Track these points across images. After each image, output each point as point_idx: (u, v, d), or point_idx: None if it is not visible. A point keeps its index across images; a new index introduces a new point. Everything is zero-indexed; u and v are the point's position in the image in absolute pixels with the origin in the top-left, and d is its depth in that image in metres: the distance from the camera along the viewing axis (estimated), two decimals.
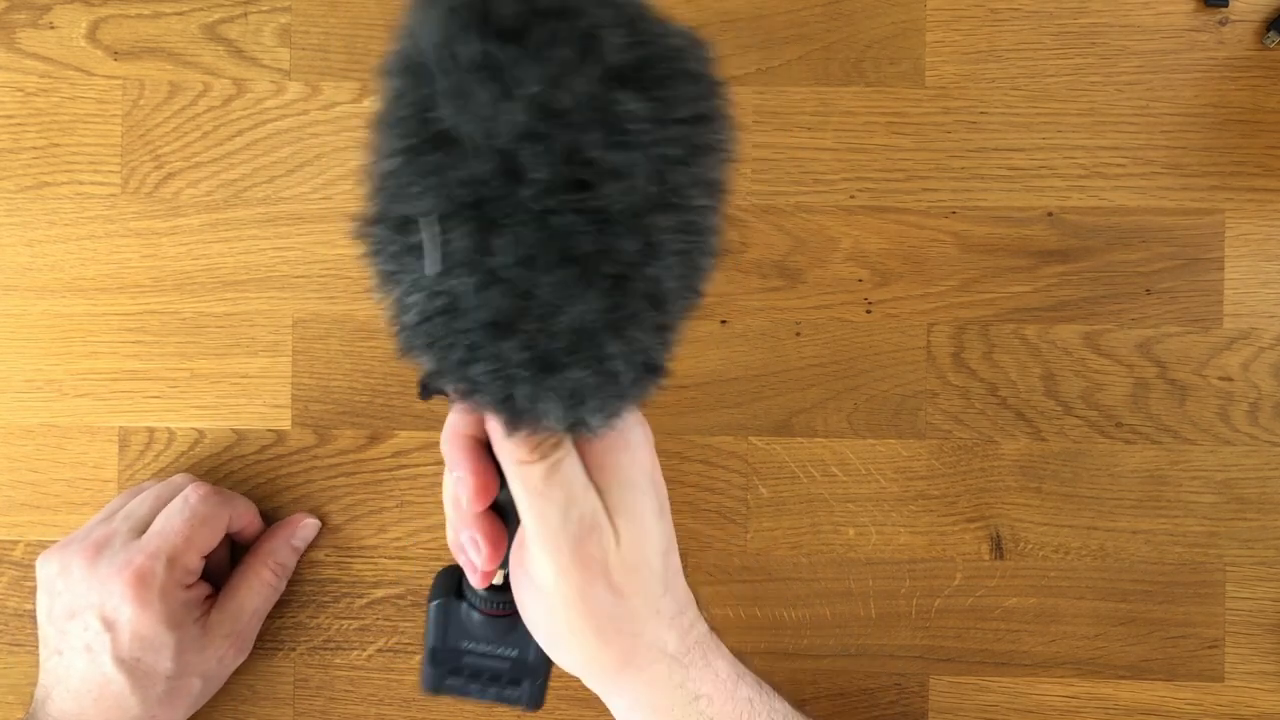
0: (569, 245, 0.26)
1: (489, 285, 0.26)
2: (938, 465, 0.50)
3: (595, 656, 0.35)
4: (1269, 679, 0.50)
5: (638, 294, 0.27)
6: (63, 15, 0.51)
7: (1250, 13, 0.50)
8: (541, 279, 0.26)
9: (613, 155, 0.25)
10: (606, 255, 0.26)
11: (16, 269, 0.51)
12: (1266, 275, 0.50)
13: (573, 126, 0.25)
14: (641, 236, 0.26)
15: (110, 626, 0.44)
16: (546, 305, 0.26)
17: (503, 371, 0.28)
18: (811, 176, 0.50)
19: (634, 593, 0.34)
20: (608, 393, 0.29)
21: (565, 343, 0.27)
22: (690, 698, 0.36)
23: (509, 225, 0.25)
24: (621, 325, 0.28)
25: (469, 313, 0.27)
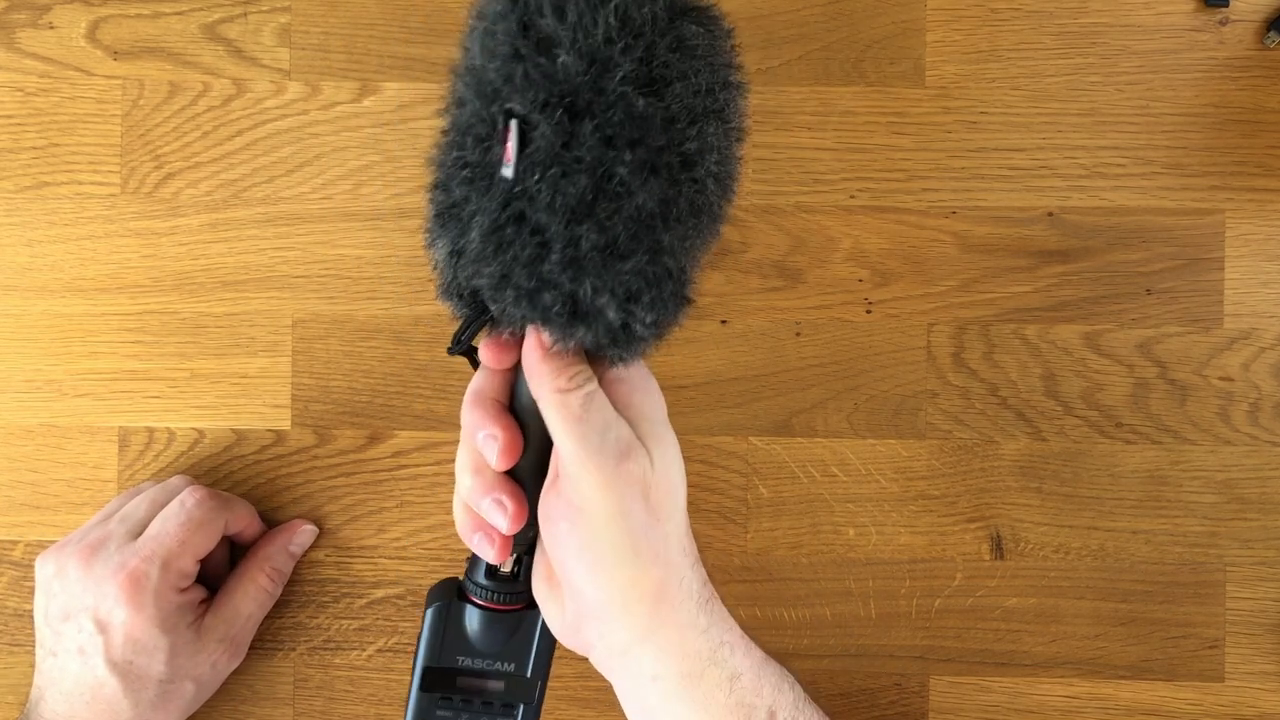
0: (643, 133, 0.30)
1: (571, 172, 0.30)
2: (938, 465, 0.50)
3: (635, 581, 0.35)
4: (1269, 679, 0.50)
5: (686, 196, 0.32)
6: (62, 15, 0.51)
7: (1250, 13, 0.50)
8: (620, 159, 0.30)
9: (679, 59, 0.31)
10: (669, 147, 0.31)
11: (16, 269, 0.51)
12: (1267, 275, 0.50)
13: (650, 33, 0.31)
14: (698, 137, 0.32)
15: (104, 629, 0.44)
16: (621, 188, 0.31)
17: (573, 258, 0.31)
18: (811, 176, 0.50)
19: (666, 517, 0.36)
20: (656, 294, 0.33)
21: (631, 229, 0.31)
22: (715, 644, 0.37)
23: (595, 111, 0.30)
24: (672, 219, 0.32)
25: (545, 202, 0.30)
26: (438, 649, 0.39)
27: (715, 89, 0.32)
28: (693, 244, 0.34)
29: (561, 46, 0.30)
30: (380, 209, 0.51)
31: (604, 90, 0.30)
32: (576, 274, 0.31)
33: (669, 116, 0.31)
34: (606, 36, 0.30)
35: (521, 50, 0.30)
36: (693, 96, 0.31)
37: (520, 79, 0.30)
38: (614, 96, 0.30)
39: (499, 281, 0.32)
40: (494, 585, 0.38)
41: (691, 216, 0.33)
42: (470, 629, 0.39)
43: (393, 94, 0.51)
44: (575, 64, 0.30)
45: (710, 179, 0.33)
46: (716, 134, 0.33)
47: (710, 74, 0.32)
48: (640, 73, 0.30)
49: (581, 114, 0.30)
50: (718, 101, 0.33)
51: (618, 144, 0.30)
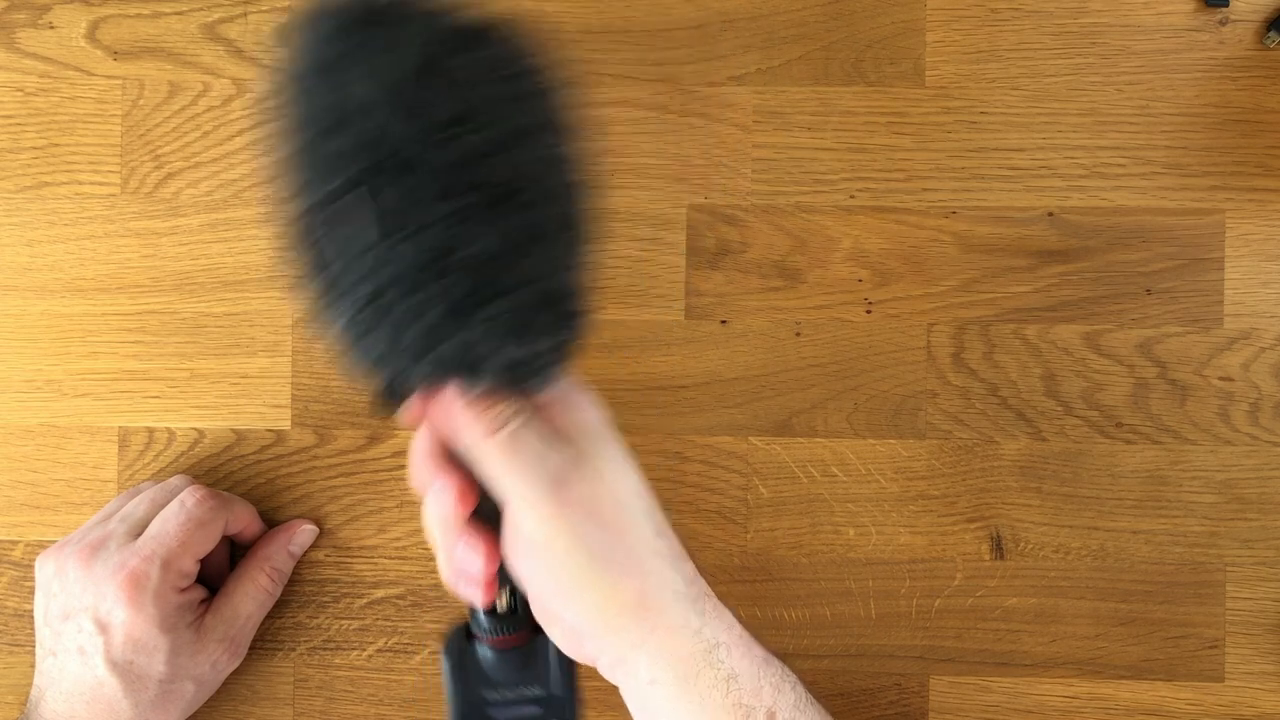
0: (451, 180, 0.30)
1: (423, 229, 0.30)
2: (938, 465, 0.50)
3: (610, 599, 0.35)
4: (1269, 679, 0.50)
5: (544, 211, 0.32)
6: (62, 15, 0.51)
7: (1250, 13, 0.50)
8: (437, 210, 0.30)
9: (473, 95, 0.30)
10: (504, 178, 0.31)
11: (16, 269, 0.51)
12: (1267, 275, 0.50)
13: (431, 86, 0.30)
14: (529, 162, 0.31)
15: (104, 629, 0.44)
16: (472, 230, 0.30)
17: (450, 310, 0.31)
18: (811, 176, 0.50)
19: (626, 529, 0.35)
20: (543, 320, 0.33)
21: (490, 270, 0.31)
22: (710, 645, 0.36)
23: (424, 165, 0.30)
24: (524, 248, 0.32)
25: (408, 263, 0.30)
26: (462, 691, 0.39)
27: (514, 113, 0.32)
28: (559, 260, 0.33)
29: (375, 110, 0.30)
30: None
31: (425, 141, 0.30)
32: (458, 323, 0.31)
33: (478, 155, 0.30)
34: (389, 100, 0.30)
35: (342, 122, 0.30)
36: (496, 126, 0.31)
37: (334, 159, 0.30)
38: (434, 144, 0.30)
39: (383, 353, 0.32)
40: (496, 623, 0.38)
41: (533, 243, 0.32)
42: (487, 666, 0.39)
43: None
44: (391, 123, 0.30)
45: (555, 196, 0.33)
46: (532, 156, 0.32)
47: (508, 98, 0.31)
48: (436, 119, 0.30)
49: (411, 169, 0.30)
50: (522, 126, 0.32)
51: (456, 189, 0.30)
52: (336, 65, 0.30)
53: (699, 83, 0.51)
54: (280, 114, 0.31)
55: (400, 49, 0.30)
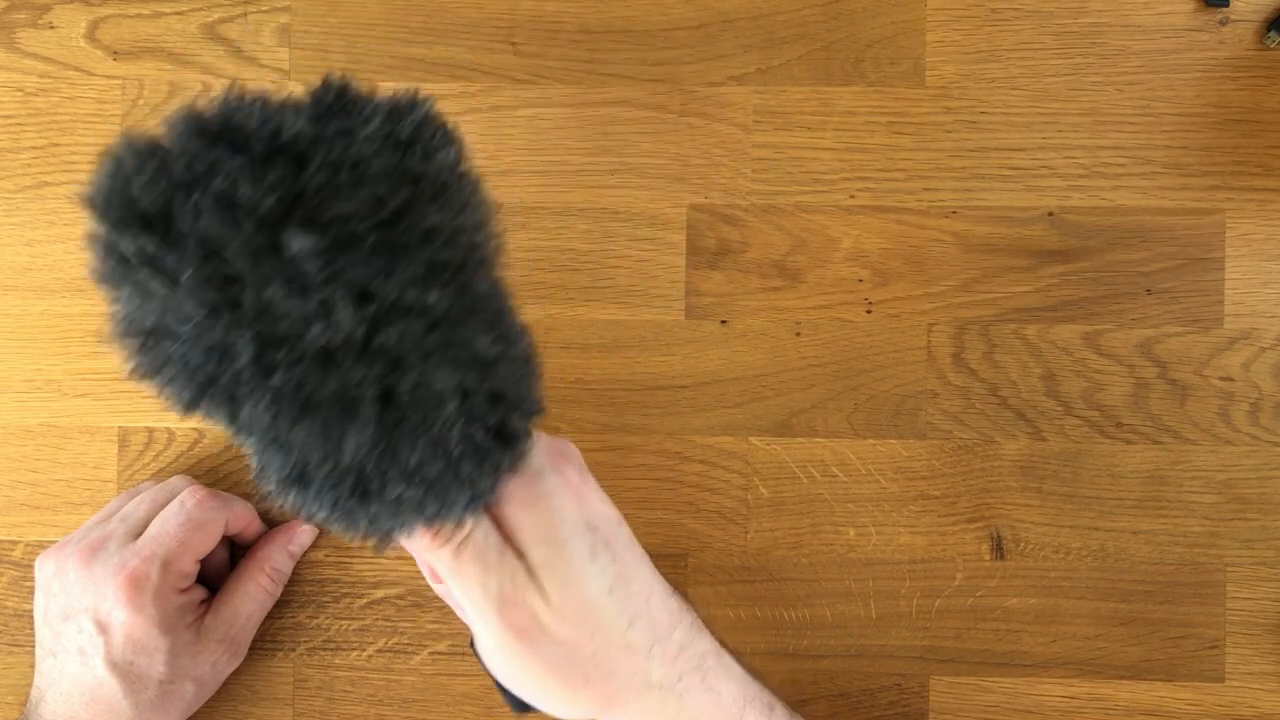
0: (303, 396, 0.25)
1: (265, 447, 0.26)
2: (938, 465, 0.50)
3: (575, 700, 0.35)
4: (1269, 679, 0.50)
5: (413, 404, 0.26)
6: (62, 15, 0.51)
7: (1250, 13, 0.50)
8: (295, 434, 0.25)
9: (298, 304, 0.23)
10: (351, 387, 0.25)
11: (16, 269, 0.51)
12: (1267, 275, 0.50)
13: (249, 284, 0.23)
14: (380, 358, 0.25)
15: (103, 629, 0.44)
16: (318, 452, 0.26)
17: (335, 508, 0.28)
18: (811, 176, 0.50)
19: (586, 639, 0.34)
20: (452, 488, 0.29)
21: (363, 472, 0.27)
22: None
23: (244, 396, 0.25)
24: (410, 437, 0.27)
25: (271, 475, 0.27)
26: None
27: (373, 287, 0.24)
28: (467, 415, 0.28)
29: (174, 338, 0.25)
30: None
31: (237, 372, 0.25)
32: (347, 517, 0.28)
33: (322, 362, 0.25)
34: (206, 317, 0.24)
35: (149, 343, 0.25)
36: (337, 329, 0.24)
37: (171, 374, 0.26)
38: (249, 377, 0.25)
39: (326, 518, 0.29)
40: None
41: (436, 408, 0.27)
42: None
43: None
44: (195, 356, 0.25)
45: (433, 369, 0.26)
46: (408, 328, 0.25)
47: (357, 279, 0.24)
48: (263, 340, 0.24)
49: (234, 400, 0.26)
50: (384, 296, 0.24)
51: (283, 419, 0.26)
52: (129, 280, 0.24)
53: (699, 83, 0.51)
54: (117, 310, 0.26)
55: (191, 264, 0.23)
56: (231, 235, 0.23)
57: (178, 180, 0.23)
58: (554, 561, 0.33)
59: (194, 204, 0.23)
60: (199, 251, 0.23)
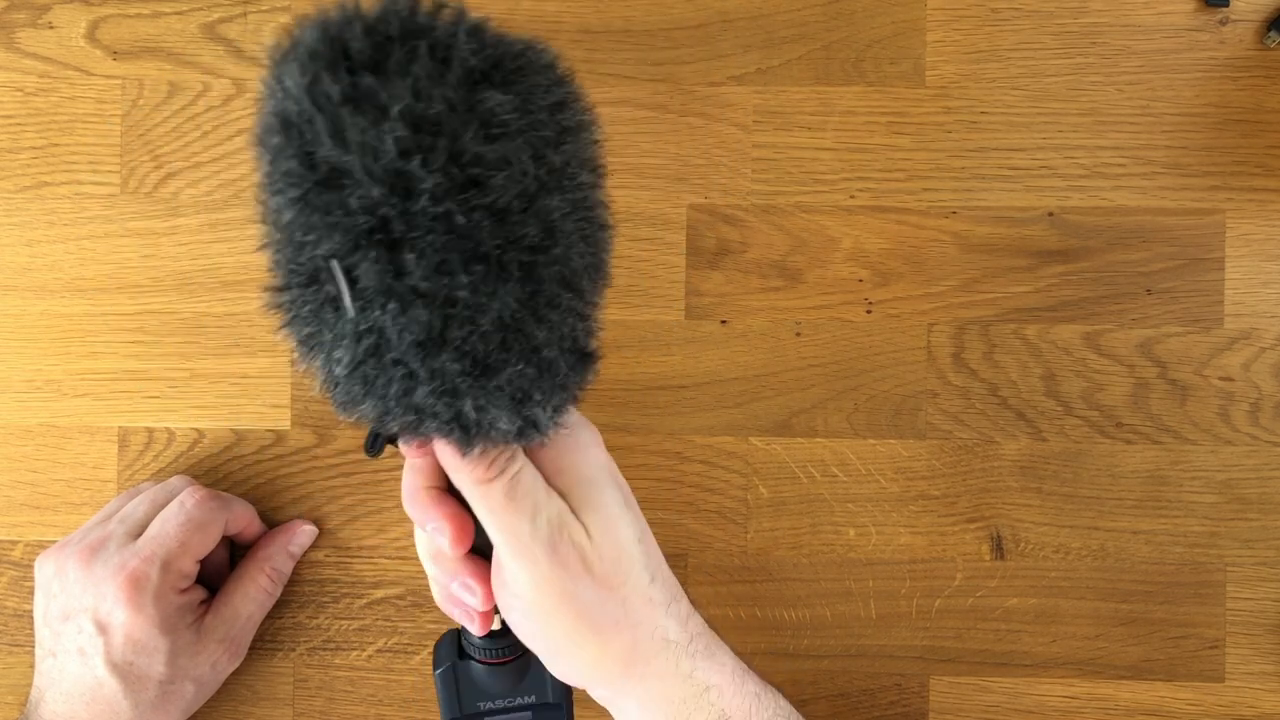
0: (475, 243, 0.26)
1: (409, 305, 0.27)
2: (938, 465, 0.50)
3: (599, 657, 0.35)
4: (1269, 679, 0.50)
5: (550, 278, 0.29)
6: (62, 15, 0.51)
7: (1250, 13, 0.50)
8: (458, 281, 0.27)
9: (492, 147, 0.26)
10: (511, 244, 0.27)
11: (16, 269, 0.51)
12: (1267, 275, 0.50)
13: (449, 131, 0.25)
14: (538, 221, 0.28)
15: (103, 630, 0.44)
16: (469, 307, 0.27)
17: (445, 387, 0.28)
18: (811, 176, 0.50)
19: (620, 583, 0.35)
20: (548, 384, 0.30)
21: (496, 341, 0.28)
22: (701, 688, 0.36)
23: (414, 239, 0.26)
24: (542, 312, 0.29)
25: (397, 339, 0.27)
26: (456, 704, 0.39)
27: (546, 153, 0.27)
28: (576, 311, 0.30)
29: (352, 177, 0.25)
30: None
31: (414, 214, 0.26)
32: (452, 399, 0.29)
33: (499, 213, 0.27)
34: (400, 150, 0.25)
35: (311, 194, 0.26)
36: (521, 179, 0.27)
37: (320, 224, 0.26)
38: (429, 218, 0.26)
39: (379, 415, 0.30)
40: (489, 644, 0.38)
41: (565, 291, 0.29)
42: (481, 680, 0.39)
43: None
44: (374, 193, 0.25)
45: (571, 250, 0.29)
46: (564, 202, 0.28)
47: (536, 142, 0.27)
48: (451, 180, 0.26)
49: (399, 244, 0.26)
50: (551, 164, 0.28)
51: (450, 267, 0.26)
52: (324, 116, 0.25)
53: (699, 83, 0.51)
54: (265, 161, 0.27)
55: (402, 99, 0.25)
56: (437, 84, 0.25)
57: (391, 34, 0.26)
58: (595, 503, 0.35)
59: (407, 52, 0.25)
60: (408, 93, 0.25)
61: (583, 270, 0.30)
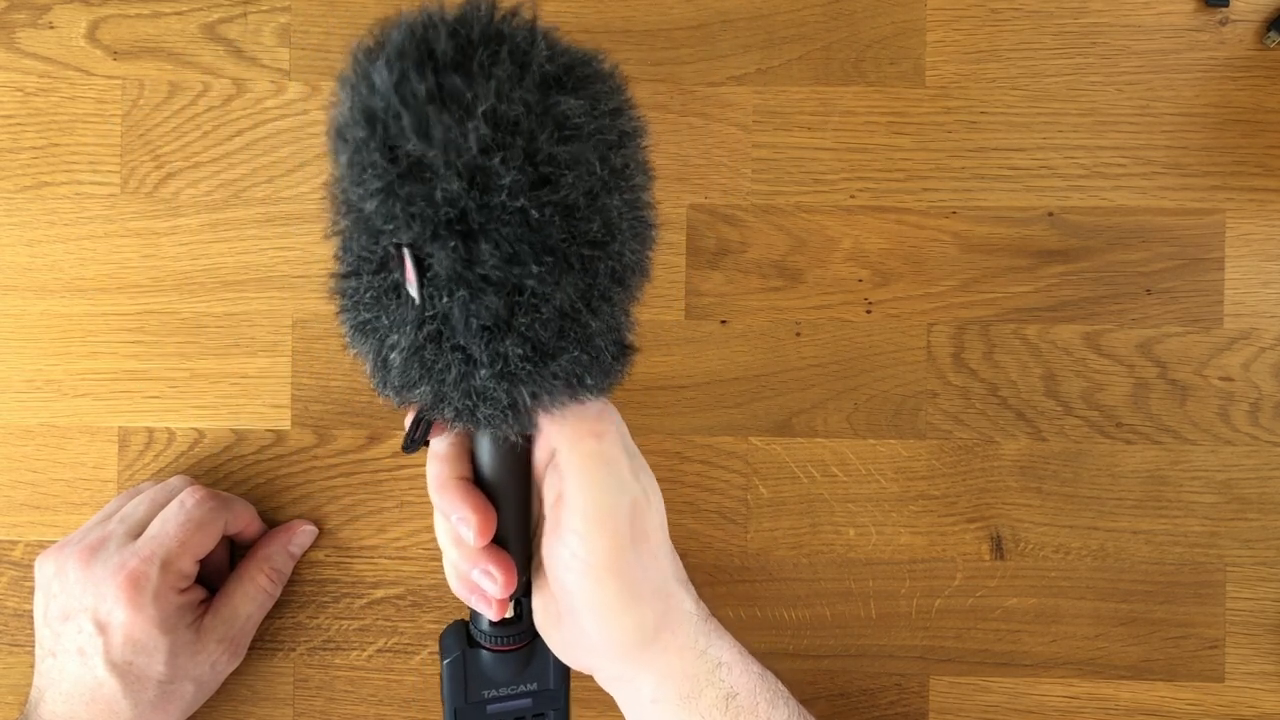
0: (545, 236, 0.28)
1: (480, 293, 0.29)
2: (938, 465, 0.50)
3: (639, 623, 0.36)
4: (1269, 679, 0.50)
5: (605, 272, 0.31)
6: (62, 15, 0.51)
7: (1250, 13, 0.50)
8: (528, 271, 0.28)
9: (564, 148, 0.28)
10: (576, 239, 0.29)
11: (16, 269, 0.51)
12: (1267, 275, 0.50)
13: (526, 131, 0.27)
14: (600, 218, 0.30)
15: (103, 629, 0.44)
16: (536, 296, 0.29)
17: (506, 370, 0.30)
18: (811, 176, 0.50)
19: (659, 551, 0.37)
20: (598, 371, 0.32)
21: (555, 329, 0.30)
22: (714, 665, 0.37)
23: (490, 231, 0.28)
24: (596, 303, 0.31)
25: (464, 325, 0.29)
26: (462, 693, 0.40)
27: (609, 155, 0.30)
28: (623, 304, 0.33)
29: (435, 170, 0.27)
30: None
31: (492, 207, 0.28)
32: (511, 383, 0.31)
33: (568, 210, 0.29)
34: (481, 147, 0.27)
35: (395, 185, 0.28)
36: (588, 178, 0.29)
37: (401, 214, 0.28)
38: (505, 212, 0.28)
39: (433, 400, 0.31)
40: (500, 631, 0.39)
41: (616, 286, 0.32)
42: (488, 668, 0.40)
43: None
44: (455, 186, 0.27)
45: (625, 246, 0.31)
46: (622, 201, 0.31)
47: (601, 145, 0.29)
48: (527, 177, 0.27)
49: (475, 235, 0.28)
50: (613, 165, 0.30)
51: (522, 258, 0.28)
52: (410, 112, 0.27)
53: (699, 83, 0.51)
54: (343, 154, 0.28)
55: (479, 99, 0.26)
56: (517, 86, 0.27)
57: (472, 37, 0.27)
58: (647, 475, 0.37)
59: (490, 55, 0.27)
60: (492, 94, 0.27)
61: (633, 266, 0.32)
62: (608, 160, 0.29)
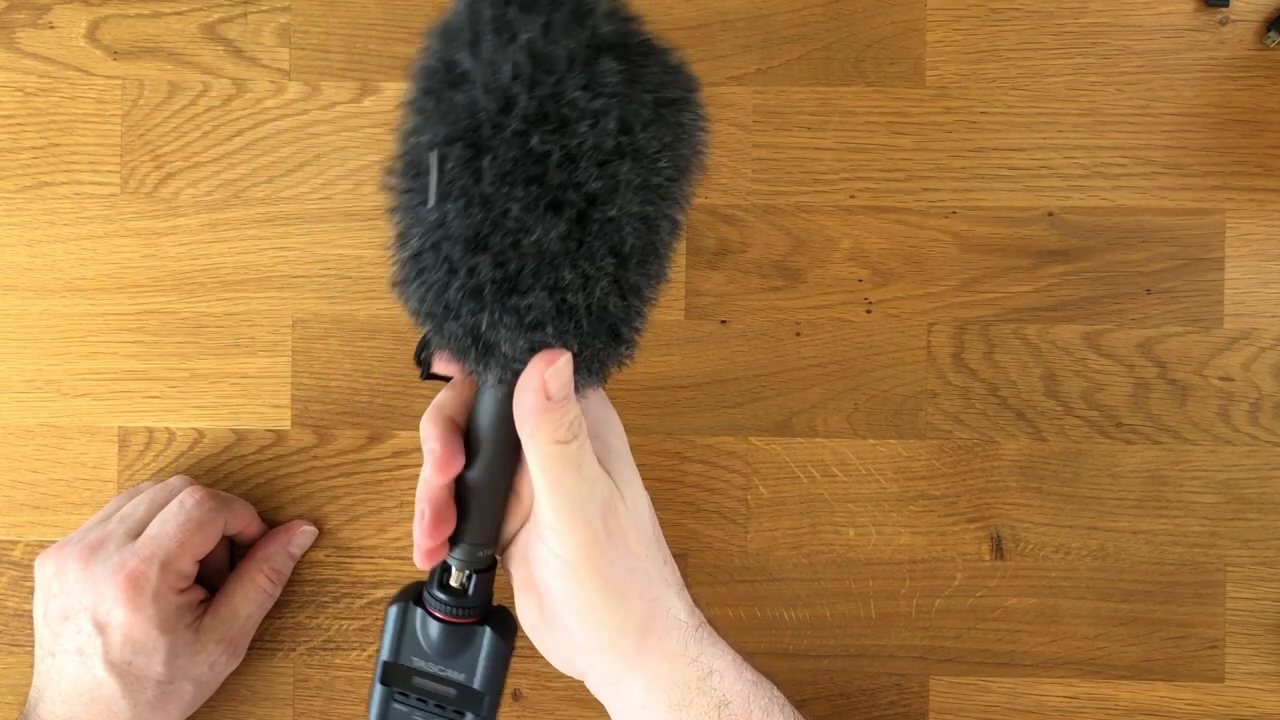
0: (542, 170, 0.30)
1: (470, 205, 0.31)
2: (938, 465, 0.50)
3: (622, 623, 0.36)
4: (1269, 679, 0.50)
5: (597, 235, 0.32)
6: (62, 15, 0.51)
7: (1250, 13, 0.50)
8: (515, 194, 0.30)
9: (587, 99, 0.30)
10: (571, 186, 0.31)
11: (16, 269, 0.51)
12: (1267, 275, 0.50)
13: (558, 73, 0.30)
14: (604, 178, 0.31)
15: (102, 629, 0.44)
16: (517, 222, 0.31)
17: (473, 286, 0.32)
18: (811, 176, 0.50)
19: (645, 555, 0.37)
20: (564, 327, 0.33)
21: (530, 266, 0.31)
22: (704, 673, 0.37)
23: (494, 147, 0.30)
24: (579, 260, 0.32)
25: (452, 233, 0.31)
26: (396, 647, 0.40)
27: (635, 128, 0.31)
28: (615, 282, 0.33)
29: (471, 83, 0.30)
30: (380, 209, 0.51)
31: (502, 127, 0.30)
32: (476, 305, 0.32)
33: (571, 155, 0.30)
34: (513, 74, 0.30)
35: (437, 85, 0.31)
36: (601, 136, 0.31)
37: (434, 113, 0.31)
38: (511, 133, 0.30)
39: (417, 306, 0.33)
40: (445, 598, 0.39)
41: (609, 256, 0.32)
42: (425, 634, 0.39)
43: (393, 94, 0.51)
44: (480, 100, 0.30)
45: (630, 219, 0.32)
46: (636, 173, 0.32)
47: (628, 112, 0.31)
48: (542, 111, 0.30)
49: (481, 149, 0.30)
50: (638, 140, 0.31)
51: (513, 180, 0.30)
52: (470, 30, 0.30)
53: None
54: (423, 53, 0.32)
55: (530, 33, 0.30)
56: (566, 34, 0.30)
57: None
58: (624, 476, 0.37)
59: (553, 3, 0.30)
60: (538, 31, 0.30)
61: (634, 246, 0.33)
62: (630, 131, 0.31)
